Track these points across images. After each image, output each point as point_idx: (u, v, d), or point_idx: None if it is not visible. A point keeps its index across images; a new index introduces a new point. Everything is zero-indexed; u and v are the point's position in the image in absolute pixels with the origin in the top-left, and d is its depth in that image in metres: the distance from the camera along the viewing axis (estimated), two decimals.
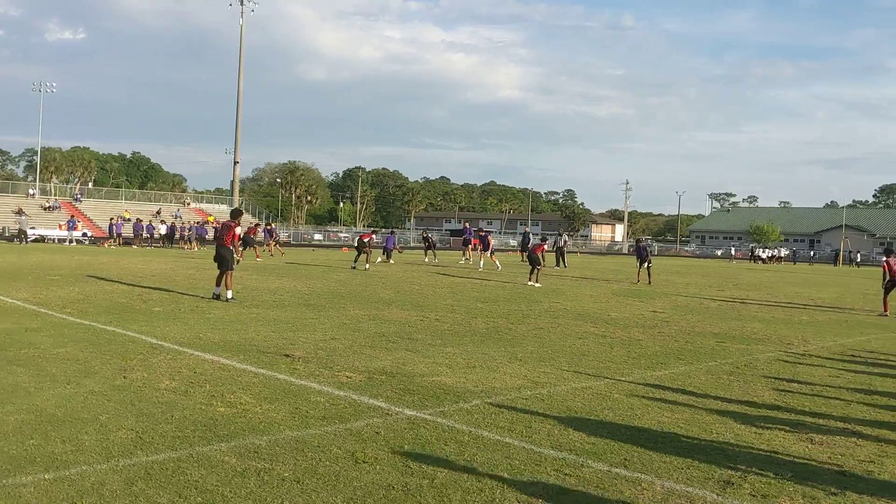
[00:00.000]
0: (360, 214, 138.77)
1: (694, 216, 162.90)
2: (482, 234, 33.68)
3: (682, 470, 5.47)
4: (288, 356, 9.14)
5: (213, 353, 9.19)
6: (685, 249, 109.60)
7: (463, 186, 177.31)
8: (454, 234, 79.58)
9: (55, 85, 74.38)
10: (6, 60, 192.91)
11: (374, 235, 29.70)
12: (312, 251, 48.26)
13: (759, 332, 13.81)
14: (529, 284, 22.46)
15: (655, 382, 8.61)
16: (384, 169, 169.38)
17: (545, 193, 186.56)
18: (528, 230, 43.02)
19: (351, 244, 50.80)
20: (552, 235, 40.69)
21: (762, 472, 5.49)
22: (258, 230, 35.58)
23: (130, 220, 49.31)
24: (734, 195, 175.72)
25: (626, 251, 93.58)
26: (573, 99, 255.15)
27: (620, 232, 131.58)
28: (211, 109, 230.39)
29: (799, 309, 19.25)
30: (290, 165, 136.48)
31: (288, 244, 55.89)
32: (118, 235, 44.73)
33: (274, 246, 37.15)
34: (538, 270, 23.33)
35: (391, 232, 40.49)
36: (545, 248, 25.90)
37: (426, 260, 35.92)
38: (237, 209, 17.04)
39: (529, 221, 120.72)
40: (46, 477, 4.78)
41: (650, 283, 26.04)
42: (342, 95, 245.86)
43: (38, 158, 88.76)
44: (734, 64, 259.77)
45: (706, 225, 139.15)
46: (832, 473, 5.56)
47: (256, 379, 7.84)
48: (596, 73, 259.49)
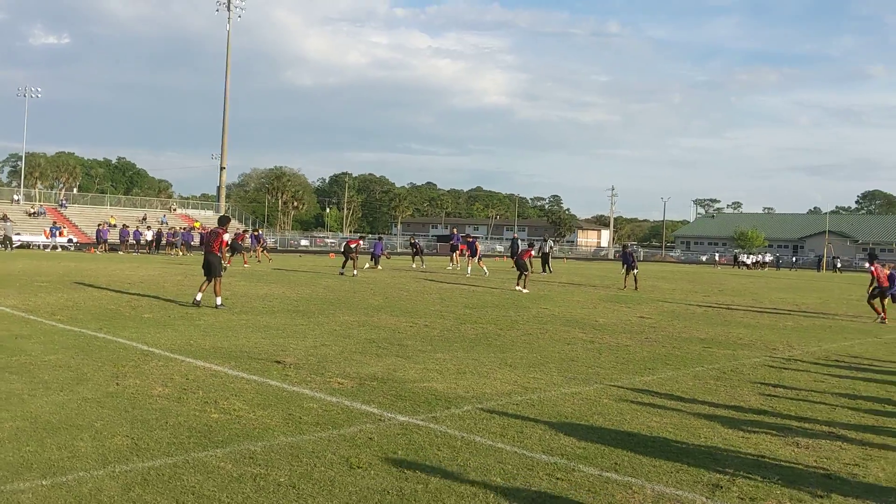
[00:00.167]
0: (346, 220, 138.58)
1: (679, 222, 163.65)
2: (470, 239, 33.79)
3: (671, 474, 5.56)
4: (279, 362, 9.19)
5: (204, 359, 9.22)
6: (670, 255, 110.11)
7: (449, 192, 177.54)
8: (441, 239, 79.63)
9: (40, 90, 73.88)
10: None
11: (361, 241, 29.73)
12: (299, 257, 48.19)
13: (744, 337, 13.97)
14: (517, 290, 22.56)
15: (644, 387, 8.72)
16: (371, 174, 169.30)
17: (531, 199, 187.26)
18: (516, 236, 43.16)
19: (338, 250, 50.82)
20: (538, 241, 40.85)
21: (750, 475, 5.60)
22: (246, 236, 35.51)
23: (116, 225, 49.02)
24: (718, 201, 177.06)
25: (612, 257, 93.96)
26: (559, 105, 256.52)
27: (606, 238, 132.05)
28: (197, 115, 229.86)
29: (784, 314, 19.46)
30: (276, 171, 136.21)
31: (274, 250, 55.75)
32: (104, 241, 44.52)
33: (261, 252, 37.10)
34: (526, 276, 23.44)
35: (379, 238, 40.52)
36: (532, 253, 26.02)
37: (413, 266, 35.96)
38: (225, 216, 17.03)
39: (516, 227, 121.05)
40: (44, 483, 4.82)
41: (637, 288, 26.20)
42: (329, 101, 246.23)
43: (22, 164, 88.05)
44: (718, 70, 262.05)
45: (691, 231, 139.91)
46: (818, 476, 5.68)
47: (249, 385, 7.89)
48: (581, 79, 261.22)
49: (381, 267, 32.31)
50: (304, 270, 29.91)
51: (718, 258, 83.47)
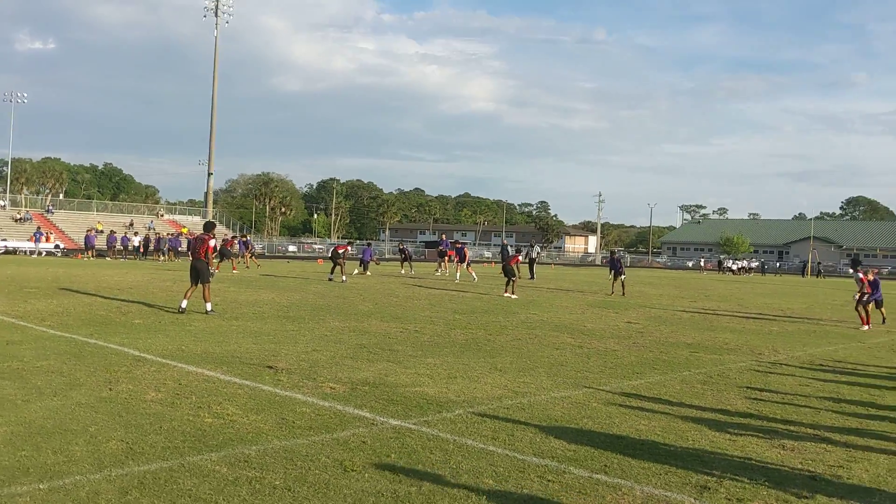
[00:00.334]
0: (334, 226, 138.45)
1: (665, 228, 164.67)
2: (458, 245, 33.91)
3: (660, 475, 5.67)
4: (271, 368, 9.24)
5: (196, 365, 9.26)
6: (657, 261, 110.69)
7: (437, 198, 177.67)
8: (429, 245, 79.73)
9: (26, 95, 73.50)
10: None
11: (349, 247, 29.80)
12: (287, 263, 48.16)
13: (731, 342, 14.12)
14: (506, 296, 22.67)
15: (632, 392, 8.83)
16: (358, 180, 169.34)
17: (519, 205, 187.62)
18: (506, 243, 43.34)
19: (326, 256, 50.77)
20: (525, 247, 41.02)
21: (737, 477, 5.71)
22: (234, 242, 35.50)
23: (103, 231, 48.84)
24: (704, 207, 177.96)
25: (599, 263, 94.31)
26: (546, 111, 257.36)
27: (594, 243, 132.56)
28: (184, 120, 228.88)
29: (769, 320, 19.65)
30: (264, 177, 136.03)
31: (262, 256, 55.64)
32: (92, 247, 44.37)
33: (250, 258, 37.09)
34: (513, 282, 23.57)
35: (368, 244, 40.57)
36: (519, 259, 26.17)
37: (402, 272, 36.04)
38: (210, 222, 17.01)
39: (503, 233, 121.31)
40: (41, 487, 4.86)
41: (624, 294, 26.37)
42: (316, 107, 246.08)
43: (8, 169, 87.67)
44: (704, 77, 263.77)
45: (677, 237, 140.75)
46: (803, 478, 5.79)
47: (241, 390, 7.94)
48: (568, 85, 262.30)
49: (369, 273, 32.37)
50: (292, 276, 29.92)
51: (704, 264, 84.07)
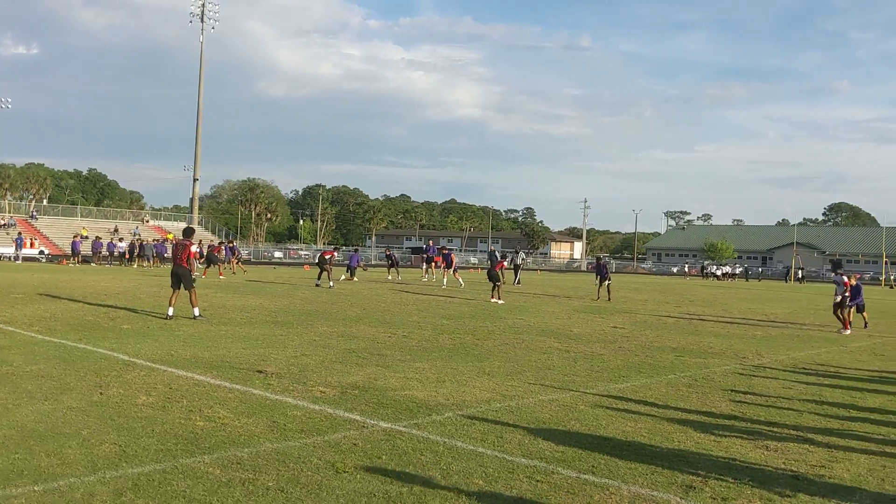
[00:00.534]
0: (320, 232, 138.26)
1: (650, 234, 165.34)
2: (445, 251, 34.02)
3: (646, 476, 5.77)
4: (261, 372, 9.29)
5: (186, 369, 9.29)
6: (642, 267, 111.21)
7: (423, 204, 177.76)
8: (415, 251, 79.78)
9: (10, 100, 72.99)
10: None
11: (335, 253, 29.83)
12: (274, 269, 48.07)
13: (715, 346, 14.28)
14: (492, 301, 22.79)
15: (618, 394, 8.95)
16: (344, 186, 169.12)
17: (505, 211, 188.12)
18: (493, 249, 43.47)
19: (312, 262, 50.72)
20: (510, 253, 41.21)
21: (721, 477, 5.82)
22: (221, 248, 35.44)
23: (88, 237, 48.58)
24: (689, 213, 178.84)
25: (584, 268, 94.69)
26: (531, 118, 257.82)
27: (579, 249, 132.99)
28: (169, 126, 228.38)
29: (753, 324, 19.85)
30: (249, 182, 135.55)
31: (248, 262, 55.56)
32: (78, 253, 44.19)
33: (236, 263, 37.02)
34: (498, 287, 23.69)
35: (355, 249, 40.60)
36: (504, 264, 26.32)
37: (389, 277, 36.09)
38: (190, 227, 16.93)
39: (490, 239, 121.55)
40: (36, 489, 4.91)
41: (609, 299, 26.56)
42: (302, 113, 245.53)
43: None
44: (688, 84, 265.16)
45: (662, 242, 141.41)
46: (787, 478, 5.92)
47: (232, 394, 7.99)
48: (554, 92, 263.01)
49: (356, 279, 32.40)
50: (279, 282, 29.91)
51: (687, 269, 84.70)
